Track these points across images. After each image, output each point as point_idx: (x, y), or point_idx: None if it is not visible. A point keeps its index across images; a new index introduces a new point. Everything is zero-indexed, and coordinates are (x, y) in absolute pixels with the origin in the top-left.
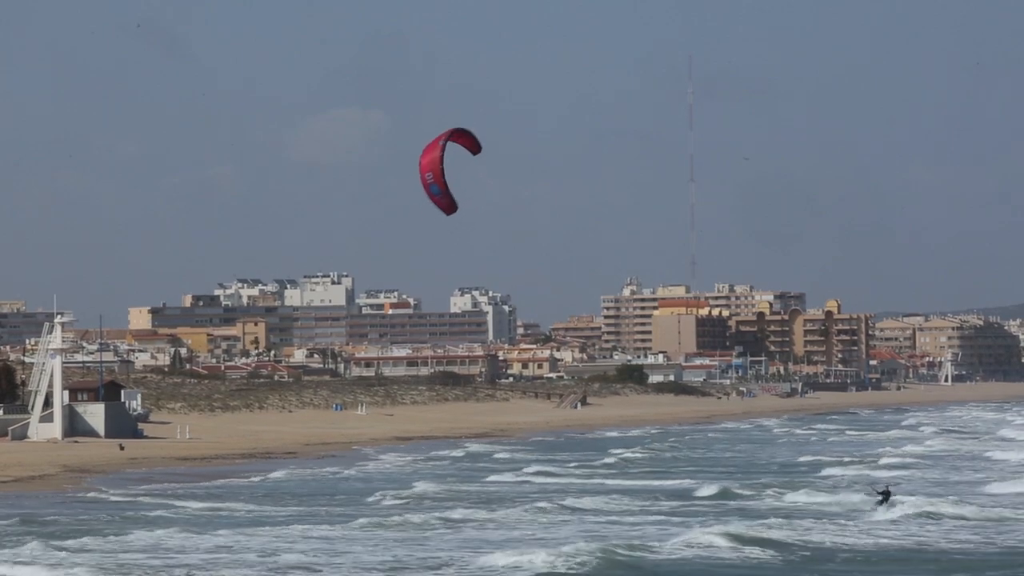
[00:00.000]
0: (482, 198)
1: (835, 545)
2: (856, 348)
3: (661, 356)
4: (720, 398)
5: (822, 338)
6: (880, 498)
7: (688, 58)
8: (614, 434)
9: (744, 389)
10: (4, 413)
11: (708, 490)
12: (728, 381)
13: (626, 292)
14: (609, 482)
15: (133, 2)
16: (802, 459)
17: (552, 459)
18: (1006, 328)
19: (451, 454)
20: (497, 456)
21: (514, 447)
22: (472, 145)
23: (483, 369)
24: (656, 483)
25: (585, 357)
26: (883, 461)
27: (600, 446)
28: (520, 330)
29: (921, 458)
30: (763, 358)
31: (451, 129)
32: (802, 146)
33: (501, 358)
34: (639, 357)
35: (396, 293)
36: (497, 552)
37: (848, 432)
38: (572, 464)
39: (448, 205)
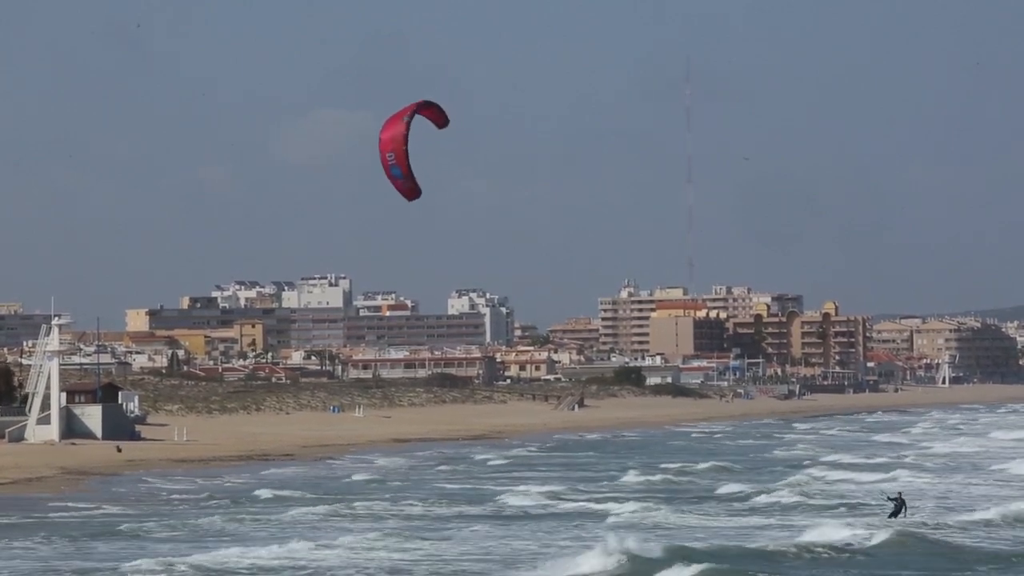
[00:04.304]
0: (479, 199)
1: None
2: (853, 350)
3: (658, 358)
4: (717, 399)
5: (819, 340)
6: (893, 506)
7: (687, 59)
8: (566, 437)
9: (741, 391)
10: (1, 415)
11: (514, 497)
12: (726, 383)
13: (623, 294)
14: (447, 486)
15: (133, 2)
16: (665, 465)
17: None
18: (1003, 330)
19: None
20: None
21: (466, 448)
22: (438, 117)
23: (480, 371)
24: (482, 487)
25: (582, 359)
26: (701, 466)
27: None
28: (517, 332)
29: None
30: (760, 360)
31: (417, 102)
32: (801, 146)
33: (499, 360)
34: (636, 359)
35: (393, 295)
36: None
37: (776, 435)
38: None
39: (410, 190)
